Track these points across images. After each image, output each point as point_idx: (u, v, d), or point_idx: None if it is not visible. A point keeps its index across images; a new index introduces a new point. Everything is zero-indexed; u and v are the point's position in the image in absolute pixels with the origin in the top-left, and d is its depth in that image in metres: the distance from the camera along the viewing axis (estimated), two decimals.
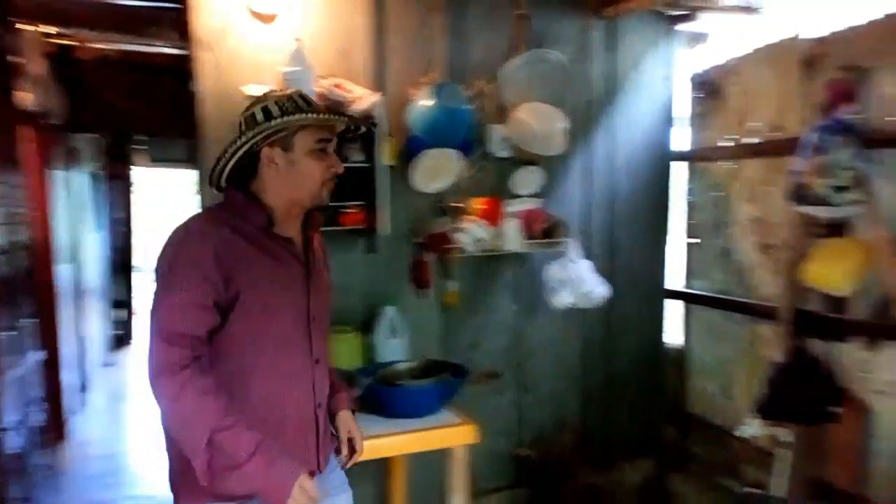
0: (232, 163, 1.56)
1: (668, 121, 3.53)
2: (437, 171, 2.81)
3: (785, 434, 2.83)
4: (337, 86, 2.61)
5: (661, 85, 3.49)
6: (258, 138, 1.52)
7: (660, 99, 3.50)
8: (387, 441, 2.19)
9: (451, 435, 2.25)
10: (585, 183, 3.38)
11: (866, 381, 2.57)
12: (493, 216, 2.87)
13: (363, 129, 1.74)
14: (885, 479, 2.51)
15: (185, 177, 9.14)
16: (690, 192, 3.50)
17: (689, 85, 3.47)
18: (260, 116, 1.53)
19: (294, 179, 1.57)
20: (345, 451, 1.79)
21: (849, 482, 2.62)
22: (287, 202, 1.59)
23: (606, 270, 3.41)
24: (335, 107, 2.53)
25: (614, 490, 3.44)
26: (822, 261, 2.47)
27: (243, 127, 1.55)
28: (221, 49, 2.63)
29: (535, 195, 3.12)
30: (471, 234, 2.78)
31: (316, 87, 2.55)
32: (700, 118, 3.43)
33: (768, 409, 2.61)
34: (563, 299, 3.03)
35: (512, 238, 2.89)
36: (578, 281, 3.02)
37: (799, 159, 2.44)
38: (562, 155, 3.20)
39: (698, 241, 3.49)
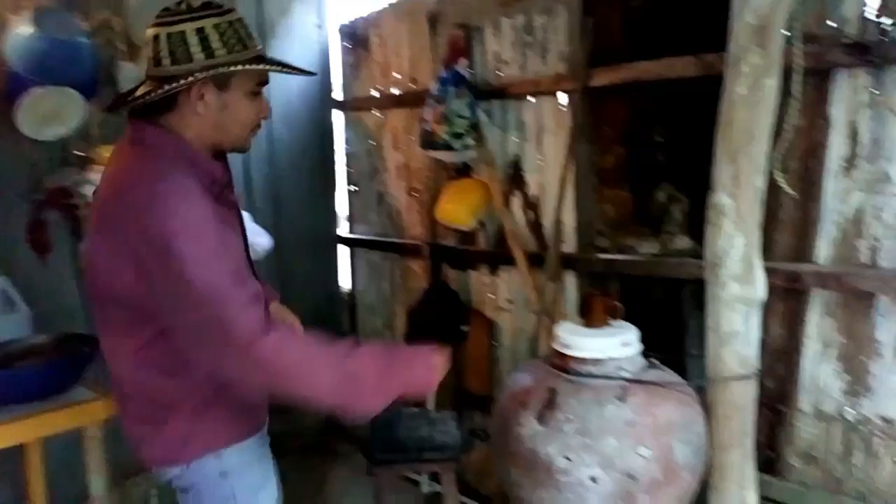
0: (163, 95, 1.27)
1: (325, 70, 3.58)
2: (54, 114, 2.42)
3: None
4: None
5: (314, 33, 3.51)
6: (199, 78, 1.26)
7: (314, 47, 3.53)
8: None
9: (79, 413, 2.01)
10: None
11: (491, 301, 3.01)
12: None
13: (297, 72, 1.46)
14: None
15: None
16: (348, 141, 3.62)
17: (339, 35, 3.55)
18: (197, 49, 1.27)
19: (223, 121, 1.36)
20: None
21: (481, 386, 3.07)
22: (208, 145, 1.37)
23: (272, 223, 3.39)
24: None
25: (294, 434, 3.51)
26: (450, 200, 2.78)
27: (173, 50, 1.27)
28: None
29: None
30: None
31: None
32: (352, 69, 3.55)
33: (414, 334, 2.90)
34: None
35: None
36: None
37: (427, 109, 2.69)
38: None
39: (357, 188, 3.65)
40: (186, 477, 1.51)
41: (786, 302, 2.08)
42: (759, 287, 1.74)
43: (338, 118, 3.64)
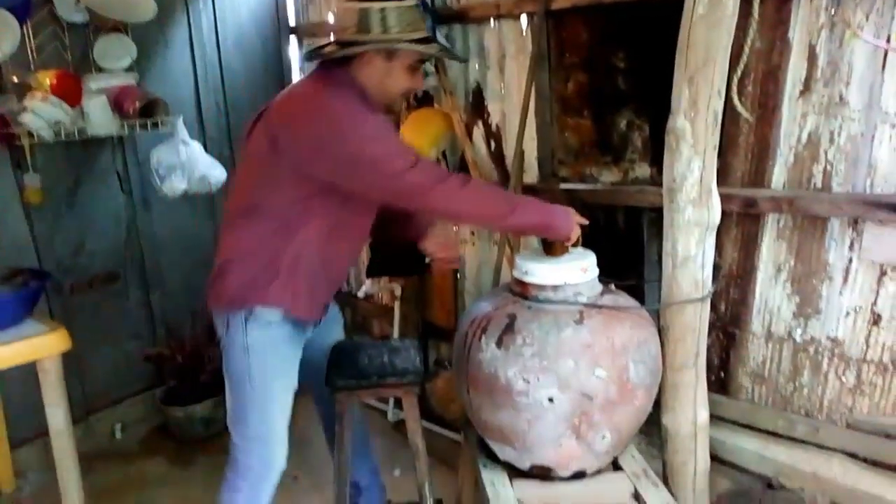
0: (339, 55, 1.63)
1: None
2: None
3: (399, 289, 3.19)
4: None
5: None
6: (370, 48, 1.61)
7: None
8: None
9: (31, 347, 1.97)
10: (190, 58, 3.12)
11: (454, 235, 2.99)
12: (71, 94, 2.45)
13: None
14: None
15: None
16: (304, 69, 3.49)
17: None
18: (377, 25, 1.59)
19: (383, 84, 1.69)
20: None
21: (445, 319, 3.09)
22: (370, 95, 1.69)
23: (226, 154, 3.29)
24: None
25: None
26: (410, 130, 2.72)
27: (357, 23, 1.59)
28: None
29: (128, 70, 2.76)
30: (42, 115, 2.35)
31: None
32: None
33: (374, 269, 2.88)
34: (176, 185, 2.82)
35: (99, 119, 2.53)
36: (191, 165, 2.83)
37: None
38: (157, 25, 2.88)
39: None
40: (223, 334, 1.77)
41: (742, 227, 2.11)
42: (715, 211, 1.75)
43: (292, 45, 3.49)
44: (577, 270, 1.71)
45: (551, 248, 1.75)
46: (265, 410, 1.78)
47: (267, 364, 1.74)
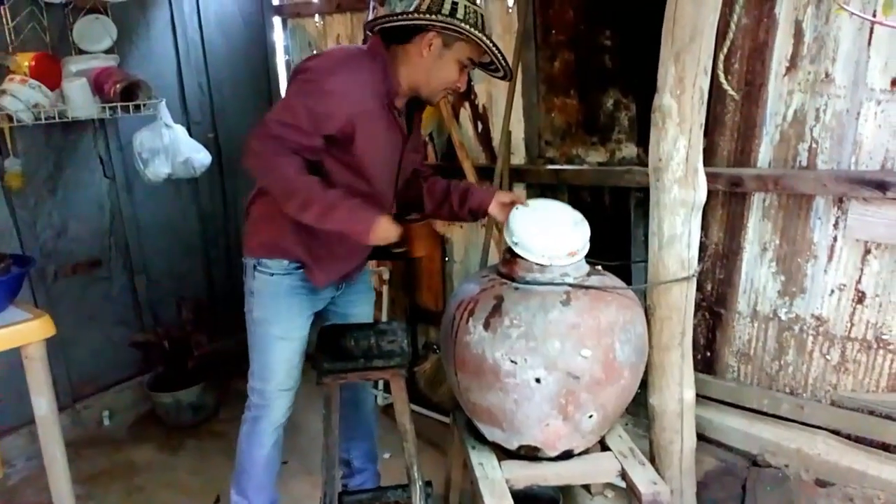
0: (399, 24, 1.71)
1: None
2: None
3: (387, 273, 3.17)
4: None
5: None
6: (436, 23, 1.66)
7: None
8: None
9: (14, 334, 1.94)
10: (172, 39, 3.06)
11: None
12: (49, 76, 2.41)
13: (504, 74, 1.85)
14: None
15: None
16: (288, 50, 3.44)
17: None
18: (447, 9, 1.66)
19: (431, 71, 1.74)
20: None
21: (434, 302, 3.09)
22: (411, 83, 1.77)
23: (210, 137, 3.25)
24: None
25: (238, 351, 3.50)
26: None
27: (429, 2, 1.68)
28: None
29: (109, 51, 2.71)
30: (21, 98, 2.30)
31: None
32: None
33: None
34: (159, 170, 2.78)
35: (79, 102, 2.49)
36: (174, 148, 2.79)
37: (369, 12, 2.55)
38: (137, 5, 2.83)
39: None
40: (244, 273, 1.93)
41: (728, 206, 2.12)
42: (701, 191, 1.75)
43: (277, 25, 3.43)
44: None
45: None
46: (263, 351, 1.93)
47: (267, 309, 1.90)
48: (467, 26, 1.66)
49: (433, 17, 1.66)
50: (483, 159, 2.74)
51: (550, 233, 1.74)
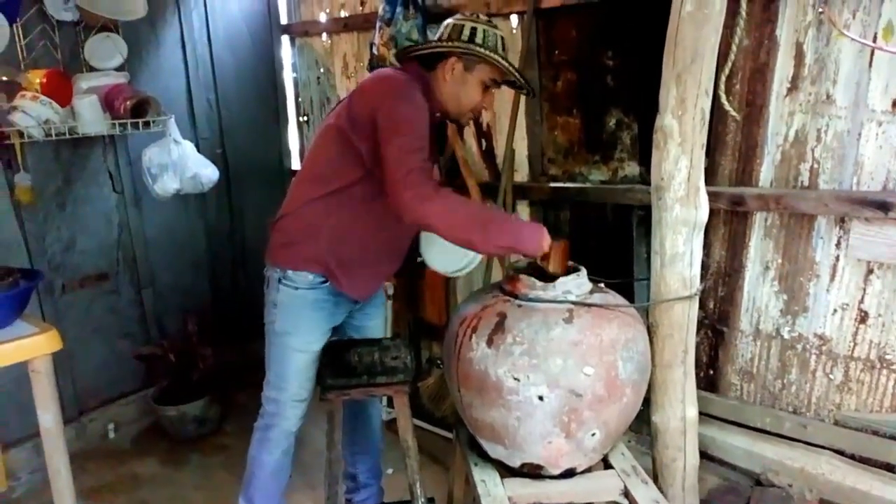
0: (426, 52, 1.86)
1: None
2: None
3: (391, 287, 3.18)
4: None
5: None
6: (457, 50, 1.80)
7: None
8: None
9: (21, 348, 1.96)
10: (182, 57, 3.11)
11: None
12: (61, 93, 2.45)
13: (526, 90, 1.96)
14: None
15: None
16: (296, 68, 3.49)
17: None
18: (466, 35, 1.80)
19: (455, 94, 1.86)
20: None
21: (438, 317, 3.10)
22: (438, 104, 1.89)
23: (219, 154, 3.29)
24: None
25: (252, 367, 3.52)
26: None
27: (450, 31, 1.84)
28: None
29: (120, 69, 2.76)
30: (32, 114, 2.34)
31: None
32: None
33: None
34: (168, 185, 2.82)
35: (90, 118, 2.53)
36: (182, 164, 2.83)
37: (375, 32, 2.59)
38: (148, 24, 2.88)
39: (308, 118, 3.54)
40: (265, 286, 1.97)
41: (729, 225, 2.13)
42: (702, 209, 1.76)
43: (285, 43, 3.48)
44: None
45: (553, 263, 1.75)
46: (280, 362, 1.97)
47: (288, 322, 1.94)
48: (482, 49, 1.78)
49: (451, 43, 1.80)
50: (487, 176, 2.76)
51: None
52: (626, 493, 1.72)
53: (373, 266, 1.98)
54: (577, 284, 1.73)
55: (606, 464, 1.82)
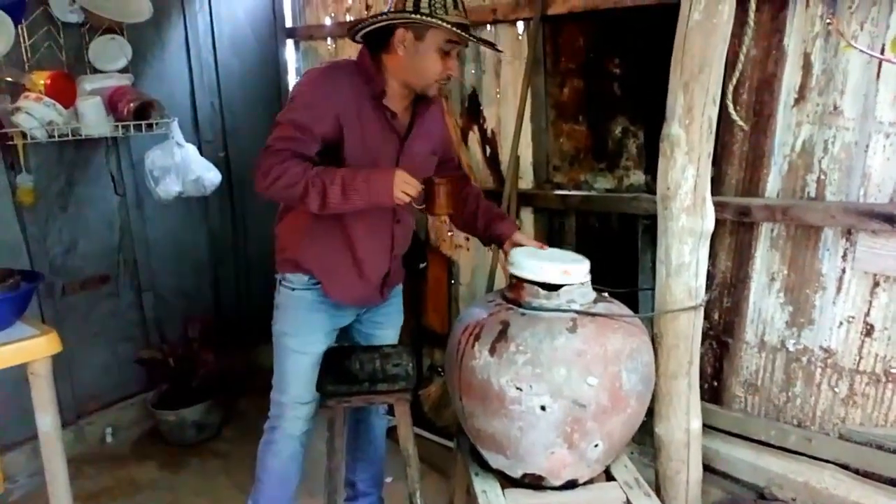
0: (369, 29, 1.75)
1: None
2: None
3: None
4: None
5: None
6: (398, 21, 1.69)
7: None
8: None
9: (21, 350, 1.94)
10: (186, 60, 3.11)
11: (449, 239, 2.99)
12: (64, 94, 2.44)
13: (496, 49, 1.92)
14: None
15: None
16: (299, 71, 3.48)
17: None
18: (409, 4, 1.68)
19: (413, 66, 1.75)
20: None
21: (440, 324, 3.09)
22: (401, 81, 1.79)
23: (221, 156, 3.28)
24: None
25: (253, 373, 3.50)
26: None
27: (394, 4, 1.72)
28: None
29: (124, 71, 2.75)
30: (36, 115, 2.33)
31: None
32: None
33: None
34: (170, 188, 2.81)
35: (93, 120, 2.52)
36: (185, 167, 2.82)
37: None
38: (153, 26, 2.88)
39: None
40: (278, 286, 1.99)
41: (736, 235, 2.11)
42: (708, 219, 1.75)
43: (289, 48, 3.48)
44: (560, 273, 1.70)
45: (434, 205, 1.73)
46: (281, 363, 1.99)
47: (286, 322, 1.97)
48: (422, 17, 1.66)
49: (389, 15, 1.70)
50: (491, 183, 2.75)
51: (545, 256, 1.78)
52: None
53: (354, 269, 1.92)
54: (581, 293, 1.71)
55: (609, 475, 1.80)
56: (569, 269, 1.68)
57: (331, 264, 1.90)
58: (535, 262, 1.70)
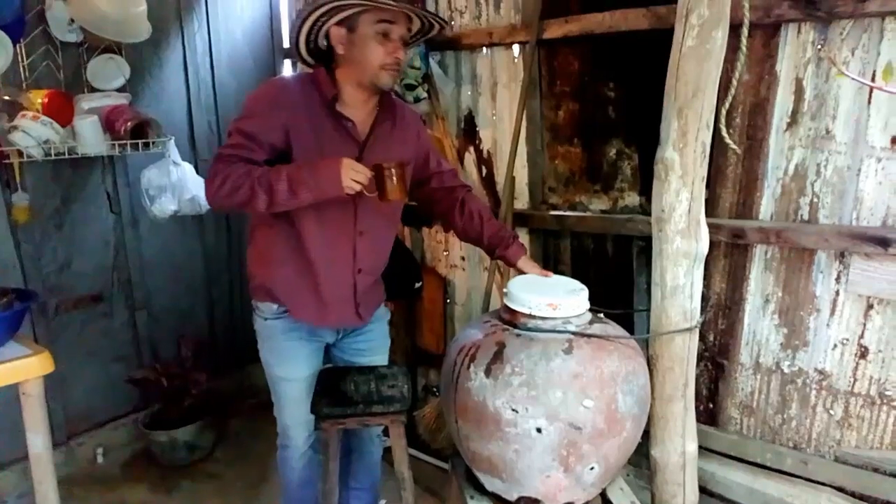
0: (302, 37, 1.73)
1: (271, 15, 3.43)
2: None
3: (388, 313, 3.16)
4: None
5: None
6: (317, 14, 1.63)
7: None
8: None
9: (13, 370, 1.93)
10: (184, 79, 3.12)
11: (444, 259, 2.99)
12: (62, 113, 2.45)
13: (436, 25, 1.81)
14: None
15: None
16: None
17: None
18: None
19: (356, 60, 1.69)
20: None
21: (435, 344, 3.08)
22: (353, 83, 1.74)
23: None
24: None
25: (245, 394, 3.48)
26: None
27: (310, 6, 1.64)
28: None
29: (121, 90, 2.76)
30: (32, 134, 2.33)
31: None
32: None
33: None
34: (166, 207, 2.81)
35: (90, 139, 2.52)
36: (181, 186, 2.82)
37: None
38: (151, 46, 2.89)
39: None
40: (254, 314, 1.97)
41: (730, 258, 2.12)
42: (703, 242, 1.76)
43: (286, 68, 3.51)
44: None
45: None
46: (274, 389, 2.01)
47: (266, 351, 1.97)
48: (336, 2, 1.60)
49: (305, 9, 1.66)
50: (487, 203, 2.76)
51: (536, 286, 1.76)
52: None
53: (316, 287, 1.85)
54: (576, 315, 1.71)
55: (605, 498, 1.79)
56: (555, 303, 1.67)
57: (293, 284, 1.86)
58: (525, 295, 1.70)
